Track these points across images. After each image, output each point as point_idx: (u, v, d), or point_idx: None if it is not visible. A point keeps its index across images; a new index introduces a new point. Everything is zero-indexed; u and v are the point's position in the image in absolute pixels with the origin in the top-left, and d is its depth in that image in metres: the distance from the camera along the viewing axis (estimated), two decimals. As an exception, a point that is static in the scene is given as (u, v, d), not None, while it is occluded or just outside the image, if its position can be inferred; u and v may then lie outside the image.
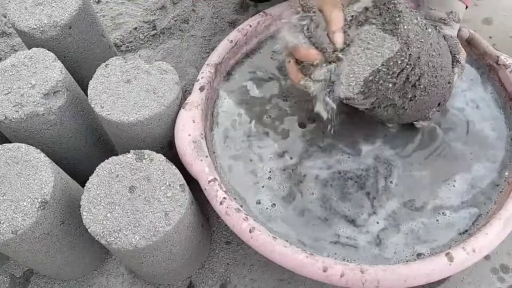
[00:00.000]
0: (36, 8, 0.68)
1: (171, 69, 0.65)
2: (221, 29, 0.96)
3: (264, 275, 0.69)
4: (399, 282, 0.52)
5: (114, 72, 0.65)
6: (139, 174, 0.56)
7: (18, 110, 0.60)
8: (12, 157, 0.56)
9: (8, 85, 0.62)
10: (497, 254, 0.68)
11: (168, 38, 0.96)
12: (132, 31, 0.96)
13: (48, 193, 0.54)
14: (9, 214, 0.53)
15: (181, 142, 0.62)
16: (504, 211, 0.56)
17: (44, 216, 0.54)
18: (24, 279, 0.71)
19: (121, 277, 0.70)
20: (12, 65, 0.64)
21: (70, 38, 0.70)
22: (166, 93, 0.62)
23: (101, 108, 0.61)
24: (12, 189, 0.54)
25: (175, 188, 0.55)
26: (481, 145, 0.65)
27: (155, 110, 0.61)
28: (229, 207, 0.57)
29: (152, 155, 0.58)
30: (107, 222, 0.53)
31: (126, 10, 0.99)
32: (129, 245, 0.52)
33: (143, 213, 0.53)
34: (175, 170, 0.57)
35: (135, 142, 0.64)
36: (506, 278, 0.66)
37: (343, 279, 0.52)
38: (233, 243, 0.72)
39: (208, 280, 0.69)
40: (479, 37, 0.71)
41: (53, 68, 0.63)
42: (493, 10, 0.94)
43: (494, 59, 0.69)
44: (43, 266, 0.62)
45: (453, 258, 0.52)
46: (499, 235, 0.55)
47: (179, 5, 1.00)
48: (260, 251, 0.55)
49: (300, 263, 0.53)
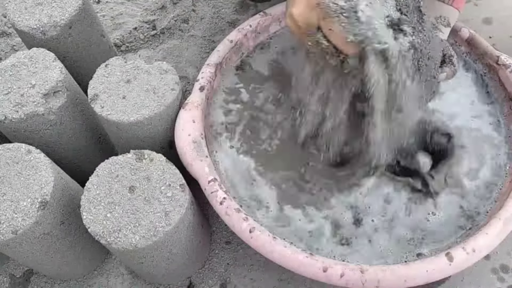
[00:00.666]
0: (36, 8, 0.68)
1: (171, 69, 0.65)
2: (221, 29, 0.96)
3: (264, 275, 0.69)
4: (399, 282, 0.52)
5: (114, 72, 0.65)
6: (139, 174, 0.56)
7: (18, 110, 0.60)
8: (12, 157, 0.56)
9: (8, 85, 0.62)
10: (497, 254, 0.68)
11: (168, 38, 0.96)
12: (132, 31, 0.96)
13: (48, 193, 0.54)
14: (9, 214, 0.53)
15: (181, 142, 0.62)
16: (504, 211, 0.56)
17: (44, 216, 0.54)
18: (24, 279, 0.71)
19: (121, 277, 0.70)
20: (12, 65, 0.64)
21: (70, 38, 0.70)
22: (166, 93, 0.62)
23: (101, 108, 0.61)
24: (12, 189, 0.54)
25: (175, 188, 0.55)
26: (481, 146, 0.65)
27: (155, 110, 0.61)
28: (229, 207, 0.57)
29: (152, 155, 0.58)
30: (107, 222, 0.53)
31: (126, 10, 0.99)
32: (129, 245, 0.52)
33: (143, 213, 0.53)
34: (175, 170, 0.57)
35: (135, 142, 0.64)
36: (506, 278, 0.66)
37: (343, 279, 0.52)
38: (233, 243, 0.72)
39: (208, 280, 0.69)
40: (479, 37, 0.71)
41: (53, 68, 0.63)
42: (493, 10, 0.94)
43: (494, 59, 0.69)
44: (43, 266, 0.62)
45: (453, 258, 0.52)
46: (499, 235, 0.55)
47: (179, 5, 1.00)
48: (260, 251, 0.55)
49: (300, 263, 0.53)
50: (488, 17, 0.93)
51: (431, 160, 0.64)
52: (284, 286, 0.68)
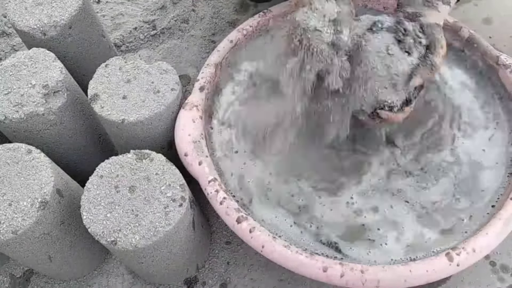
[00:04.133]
0: (36, 8, 0.68)
1: (171, 69, 0.65)
2: (221, 29, 0.96)
3: (264, 275, 0.69)
4: (399, 282, 0.52)
5: (114, 72, 0.65)
6: (139, 174, 0.56)
7: (18, 110, 0.60)
8: (12, 157, 0.56)
9: (8, 85, 0.62)
10: (497, 254, 0.68)
11: (168, 38, 0.96)
12: (132, 31, 0.96)
13: (48, 193, 0.54)
14: (9, 214, 0.53)
15: (181, 142, 0.62)
16: (504, 211, 0.56)
17: (44, 216, 0.54)
18: (24, 279, 0.71)
19: (121, 277, 0.70)
20: (12, 65, 0.64)
21: (70, 38, 0.70)
22: (166, 93, 0.63)
23: (101, 108, 0.61)
24: (12, 189, 0.54)
25: (175, 188, 0.55)
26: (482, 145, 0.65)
27: (155, 110, 0.61)
28: (229, 207, 0.57)
29: (152, 155, 0.58)
30: (107, 222, 0.53)
31: (126, 10, 0.99)
32: (129, 245, 0.52)
33: (143, 213, 0.53)
34: (175, 170, 0.57)
35: (135, 142, 0.64)
36: (506, 278, 0.66)
37: (343, 279, 0.52)
38: (233, 243, 0.72)
39: (208, 280, 0.69)
40: (479, 37, 0.71)
41: (53, 68, 0.63)
42: (493, 10, 0.94)
43: (494, 59, 0.69)
44: (43, 266, 0.62)
45: (453, 258, 0.52)
46: (499, 235, 0.55)
47: (179, 5, 1.00)
48: (260, 251, 0.55)
49: (300, 263, 0.53)
50: (488, 17, 0.93)
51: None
52: (284, 286, 0.68)
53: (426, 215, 0.60)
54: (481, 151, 0.64)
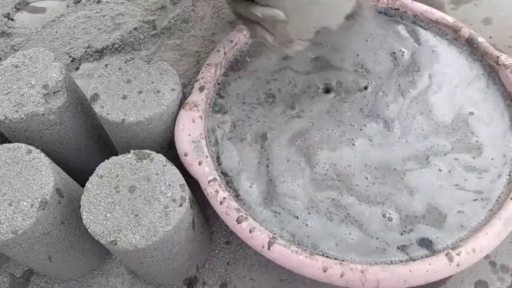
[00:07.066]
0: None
1: (171, 69, 0.65)
2: (221, 29, 0.96)
3: (264, 275, 0.69)
4: (399, 282, 0.52)
5: (114, 72, 0.65)
6: (139, 174, 0.56)
7: (18, 110, 0.60)
8: (12, 157, 0.56)
9: (8, 85, 0.62)
10: (497, 254, 0.68)
11: (168, 38, 0.96)
12: (132, 31, 0.96)
13: (48, 193, 0.54)
14: (9, 214, 0.53)
15: (181, 142, 0.62)
16: (504, 211, 0.56)
17: (44, 216, 0.54)
18: (24, 279, 0.71)
19: (121, 277, 0.70)
20: (12, 65, 0.64)
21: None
22: (166, 93, 0.63)
23: (101, 108, 0.61)
24: (12, 189, 0.54)
25: (175, 188, 0.55)
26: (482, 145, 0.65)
27: (155, 110, 0.61)
28: (229, 207, 0.57)
29: (152, 155, 0.58)
30: (107, 222, 0.53)
31: (126, 10, 1.00)
32: (129, 245, 0.52)
33: (143, 213, 0.53)
34: (175, 170, 0.57)
35: (135, 142, 0.64)
36: (506, 278, 0.66)
37: (343, 279, 0.52)
38: (233, 243, 0.72)
39: (208, 280, 0.69)
40: (479, 37, 0.71)
41: (53, 68, 0.63)
42: (493, 10, 0.94)
43: (494, 59, 0.69)
44: (43, 266, 0.62)
45: (453, 258, 0.52)
46: (499, 235, 0.55)
47: (179, 5, 1.00)
48: (260, 251, 0.55)
49: (300, 263, 0.53)
50: (488, 17, 0.93)
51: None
52: (284, 286, 0.68)
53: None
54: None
